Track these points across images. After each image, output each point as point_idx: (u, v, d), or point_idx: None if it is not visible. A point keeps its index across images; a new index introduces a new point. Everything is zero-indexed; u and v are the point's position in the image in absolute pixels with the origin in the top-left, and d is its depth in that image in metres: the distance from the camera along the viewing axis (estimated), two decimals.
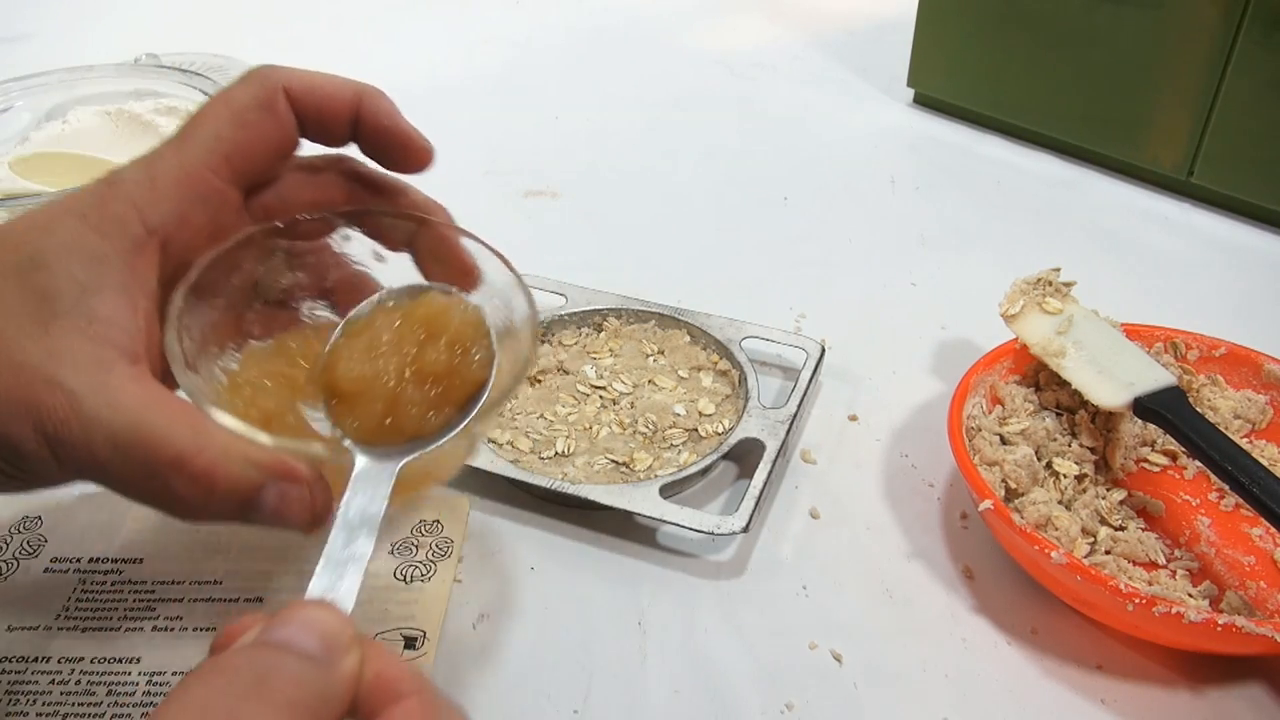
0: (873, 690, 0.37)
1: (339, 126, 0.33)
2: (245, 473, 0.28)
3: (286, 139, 0.32)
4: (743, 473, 0.46)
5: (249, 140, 0.31)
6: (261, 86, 0.32)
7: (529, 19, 0.99)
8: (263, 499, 0.28)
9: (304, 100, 0.32)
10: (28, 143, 0.62)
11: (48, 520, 0.42)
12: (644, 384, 0.49)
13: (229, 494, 0.28)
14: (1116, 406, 0.43)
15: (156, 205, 0.30)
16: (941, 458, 0.46)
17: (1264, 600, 0.39)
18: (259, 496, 0.28)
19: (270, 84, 0.32)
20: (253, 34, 0.93)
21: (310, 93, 0.32)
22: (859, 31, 0.96)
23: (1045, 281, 0.47)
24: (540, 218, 0.66)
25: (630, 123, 0.79)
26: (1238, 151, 0.64)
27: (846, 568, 0.42)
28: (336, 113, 0.33)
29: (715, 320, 0.51)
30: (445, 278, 0.35)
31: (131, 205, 0.29)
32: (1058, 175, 0.71)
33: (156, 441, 0.27)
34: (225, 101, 0.31)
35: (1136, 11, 0.65)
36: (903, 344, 0.54)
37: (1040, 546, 0.36)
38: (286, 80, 0.32)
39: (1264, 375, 0.46)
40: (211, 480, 0.27)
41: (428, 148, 0.36)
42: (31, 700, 0.35)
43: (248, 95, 0.31)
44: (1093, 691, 0.37)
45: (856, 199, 0.69)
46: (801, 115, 0.81)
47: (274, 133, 0.32)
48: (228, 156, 0.31)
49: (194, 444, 0.27)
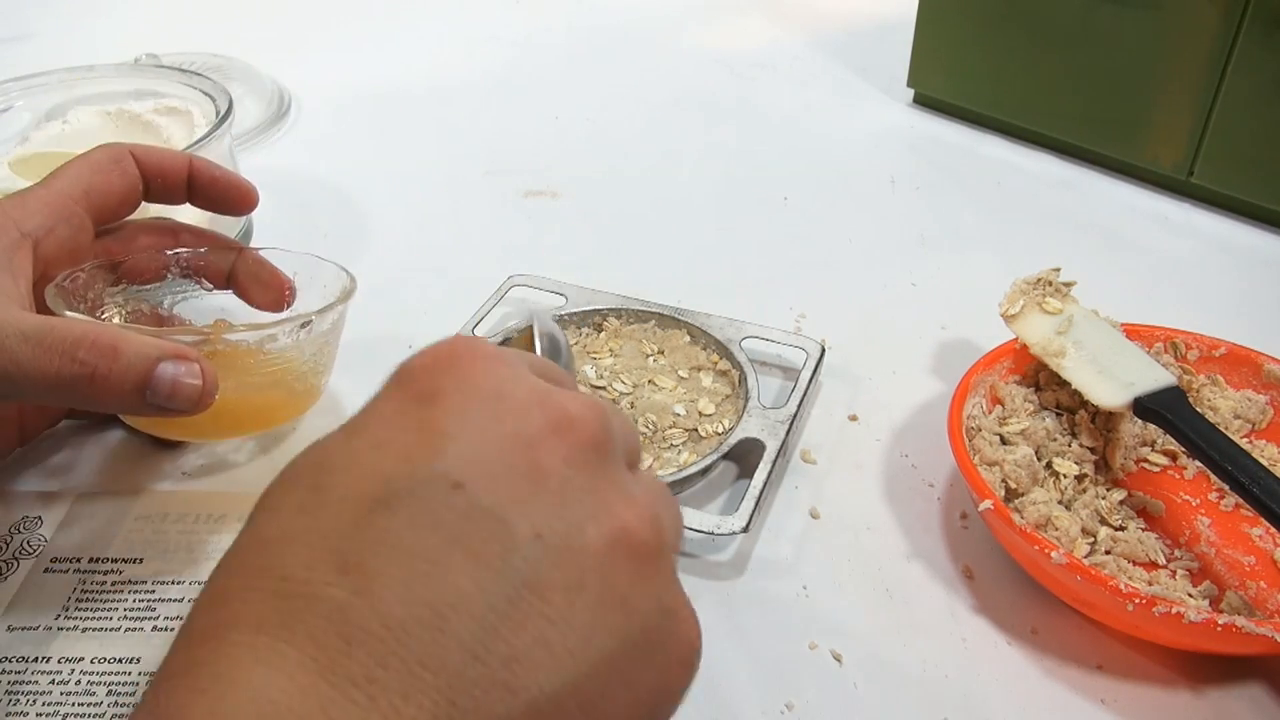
0: (873, 690, 0.37)
1: (176, 181, 0.44)
2: (143, 347, 0.34)
3: (131, 189, 0.42)
4: (743, 473, 0.46)
5: (103, 183, 0.41)
6: (114, 149, 0.42)
7: (529, 19, 0.99)
8: (159, 375, 0.34)
9: (146, 161, 0.43)
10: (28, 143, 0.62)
11: (48, 520, 0.42)
12: (644, 384, 0.49)
13: (130, 364, 0.34)
14: (1116, 406, 0.43)
15: (29, 218, 0.39)
16: (941, 458, 0.46)
17: (1264, 600, 0.39)
18: (155, 373, 0.34)
19: (120, 149, 0.42)
20: (253, 34, 0.93)
21: (150, 156, 0.43)
22: (859, 31, 0.96)
23: (1045, 281, 0.47)
24: (540, 218, 0.66)
25: (630, 123, 0.79)
26: (1238, 151, 0.64)
27: (846, 568, 0.42)
28: (174, 170, 0.43)
29: (715, 320, 0.51)
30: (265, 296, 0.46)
31: (9, 217, 0.38)
32: (1058, 175, 0.71)
33: (64, 327, 0.34)
34: (85, 158, 0.42)
35: (1136, 11, 0.65)
36: (903, 344, 0.54)
37: (1040, 546, 0.36)
38: (132, 149, 0.43)
39: (1264, 375, 0.46)
40: (115, 349, 0.33)
41: (252, 189, 0.46)
42: (31, 700, 0.35)
43: (103, 154, 0.42)
44: (1093, 691, 0.37)
45: (856, 199, 0.69)
46: (801, 115, 0.81)
47: (121, 181, 0.42)
48: (86, 191, 0.41)
49: (96, 326, 0.34)
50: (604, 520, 0.23)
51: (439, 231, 0.65)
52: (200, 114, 0.62)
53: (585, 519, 0.22)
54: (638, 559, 0.23)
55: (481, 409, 0.23)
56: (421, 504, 0.21)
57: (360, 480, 0.22)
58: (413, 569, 0.20)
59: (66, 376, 0.33)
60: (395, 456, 0.22)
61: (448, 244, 0.63)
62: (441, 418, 0.23)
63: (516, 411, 0.23)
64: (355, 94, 0.83)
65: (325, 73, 0.85)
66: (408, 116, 0.80)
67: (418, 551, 0.21)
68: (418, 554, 0.21)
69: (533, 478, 0.22)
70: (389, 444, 0.23)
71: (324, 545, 0.21)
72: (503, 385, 0.24)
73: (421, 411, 0.23)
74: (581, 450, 0.23)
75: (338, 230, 0.64)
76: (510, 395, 0.24)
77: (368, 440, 0.23)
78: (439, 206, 0.68)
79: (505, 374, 0.24)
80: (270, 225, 0.61)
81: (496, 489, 0.22)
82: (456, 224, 0.66)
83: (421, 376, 0.24)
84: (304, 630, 0.20)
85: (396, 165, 0.72)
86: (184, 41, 0.86)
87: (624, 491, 0.24)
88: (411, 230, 0.65)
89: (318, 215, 0.65)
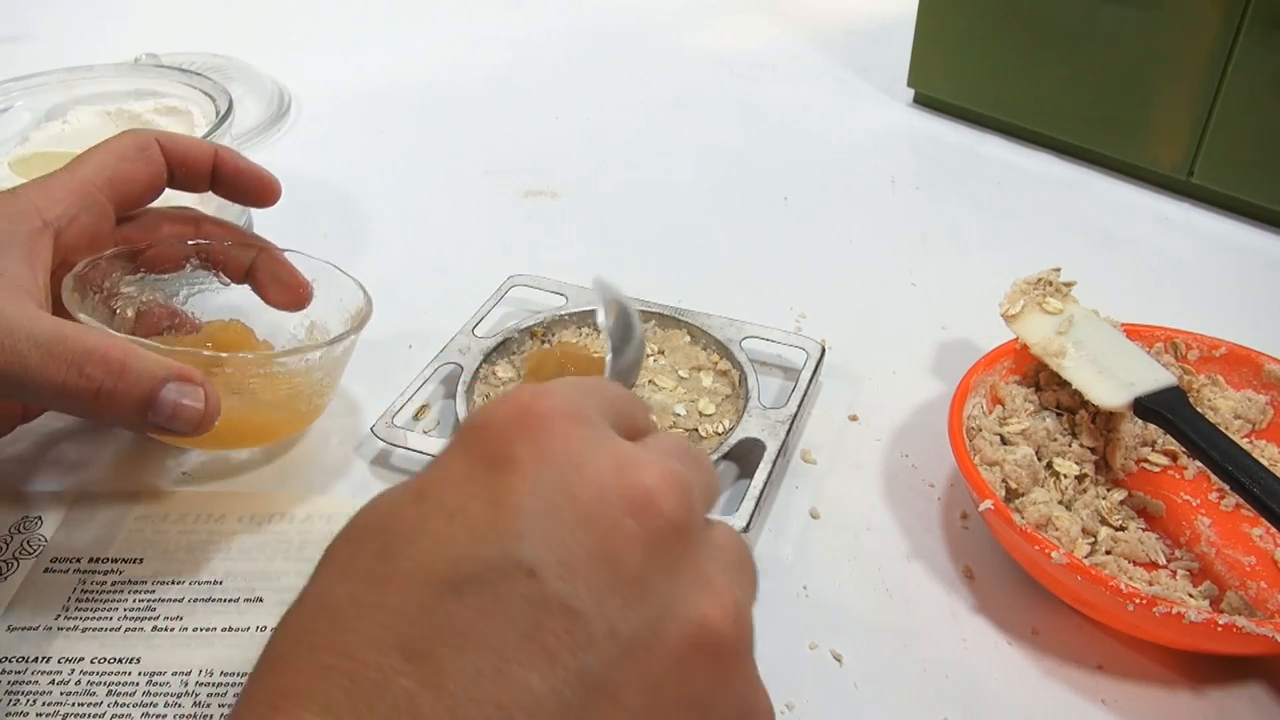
0: (873, 690, 0.37)
1: (201, 171, 0.43)
2: (151, 367, 0.34)
3: (156, 176, 0.42)
4: (743, 473, 0.46)
5: (128, 171, 0.41)
6: (140, 135, 0.42)
7: (528, 19, 0.99)
8: (163, 396, 0.34)
9: (172, 149, 0.42)
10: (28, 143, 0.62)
11: (48, 520, 0.42)
12: (644, 384, 0.49)
13: (136, 383, 0.34)
14: (1117, 406, 0.43)
15: (52, 206, 0.39)
16: (942, 458, 0.46)
17: (1264, 600, 0.39)
18: (160, 393, 0.34)
19: (146, 136, 0.42)
20: (253, 34, 0.93)
21: (176, 144, 0.43)
22: (859, 31, 0.96)
23: (1045, 281, 0.47)
24: (540, 218, 0.66)
25: (630, 123, 0.79)
26: (1238, 151, 0.64)
27: (846, 568, 0.42)
28: (199, 159, 0.43)
29: (715, 320, 0.51)
30: (283, 296, 0.46)
31: (32, 204, 0.38)
32: (1058, 175, 0.71)
33: (75, 338, 0.34)
34: (110, 144, 0.41)
35: (1136, 11, 0.65)
36: (903, 344, 0.54)
37: (1040, 546, 0.36)
38: (158, 136, 0.42)
39: (1264, 375, 0.46)
40: (123, 366, 0.34)
41: (275, 181, 0.45)
42: (31, 700, 0.35)
43: (129, 140, 0.42)
44: (1093, 692, 0.37)
45: (856, 199, 0.69)
46: (801, 115, 0.81)
47: (146, 169, 0.42)
48: (110, 180, 0.40)
49: (108, 339, 0.34)
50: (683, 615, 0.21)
51: (439, 231, 0.65)
52: (200, 114, 0.62)
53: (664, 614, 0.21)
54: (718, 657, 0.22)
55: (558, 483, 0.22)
56: (493, 591, 0.20)
57: (429, 555, 0.21)
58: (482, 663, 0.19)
59: (71, 388, 0.33)
60: (467, 533, 0.21)
61: (448, 244, 0.63)
62: (515, 491, 0.21)
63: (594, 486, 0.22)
64: (355, 94, 0.83)
65: (325, 73, 0.85)
66: (408, 116, 0.80)
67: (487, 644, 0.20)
68: (487, 646, 0.20)
69: (611, 567, 0.21)
70: (459, 515, 0.21)
71: (392, 626, 0.20)
72: (581, 453, 0.22)
73: (494, 479, 0.22)
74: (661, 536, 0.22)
75: (337, 230, 0.64)
76: (590, 465, 0.22)
77: (437, 507, 0.22)
78: (439, 206, 0.68)
79: (582, 437, 0.23)
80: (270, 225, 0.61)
81: (572, 579, 0.21)
82: (456, 224, 0.66)
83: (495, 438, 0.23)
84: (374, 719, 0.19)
85: (396, 165, 0.72)
86: (184, 41, 0.86)
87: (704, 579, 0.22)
88: (411, 230, 0.65)
89: (317, 215, 0.65)
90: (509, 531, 0.21)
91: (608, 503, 0.22)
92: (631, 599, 0.21)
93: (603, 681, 0.20)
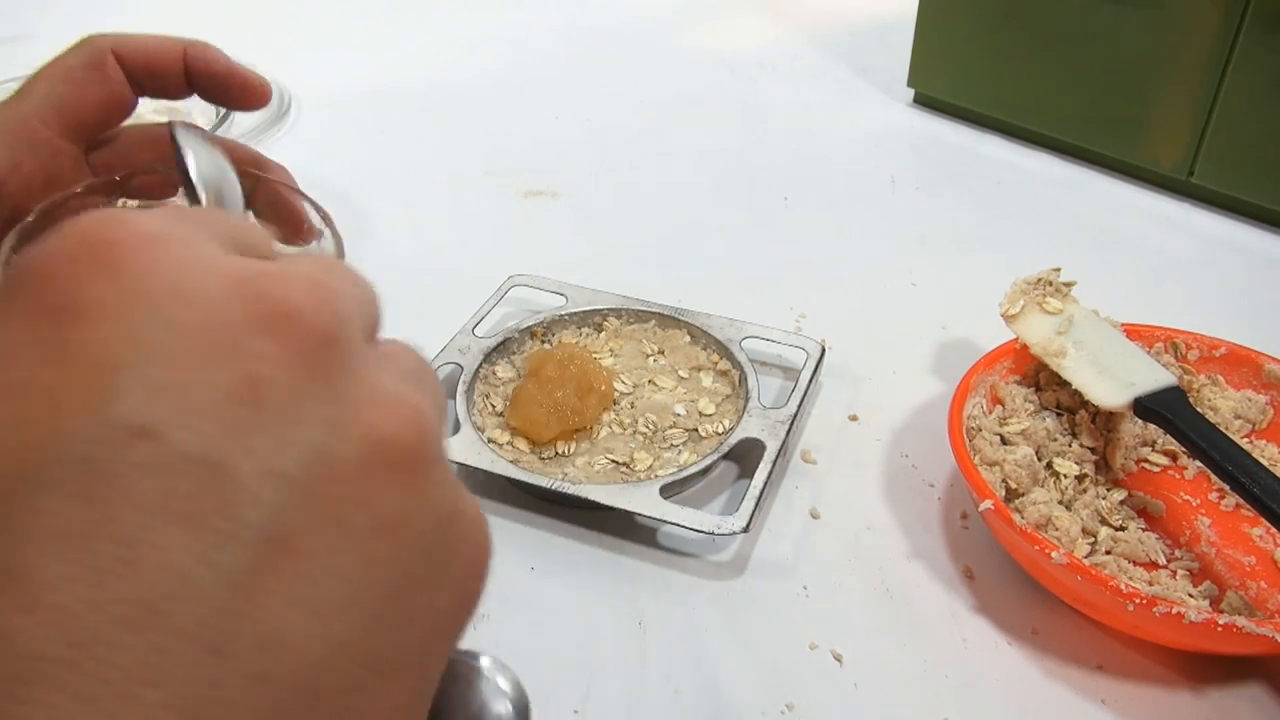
0: (873, 690, 0.37)
1: (173, 78, 0.37)
2: None
3: (116, 95, 0.36)
4: (743, 473, 0.46)
5: (78, 95, 0.35)
6: (90, 50, 0.36)
7: (528, 19, 0.99)
8: None
9: (132, 59, 0.37)
10: None
11: None
12: (644, 384, 0.49)
13: None
14: (1117, 406, 0.43)
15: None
16: (942, 458, 0.46)
17: (1264, 600, 0.39)
18: None
19: (98, 47, 0.36)
20: (253, 34, 0.93)
21: (137, 52, 0.37)
22: (859, 31, 0.96)
23: (1045, 281, 0.47)
24: (540, 218, 0.66)
25: (630, 123, 0.79)
26: (1238, 151, 0.64)
27: (846, 568, 0.42)
28: (167, 66, 0.37)
29: (715, 320, 0.51)
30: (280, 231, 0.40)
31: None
32: (1058, 175, 0.71)
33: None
34: (56, 64, 0.36)
35: (1136, 11, 0.65)
36: (903, 344, 0.54)
37: (1040, 546, 0.36)
38: (114, 44, 0.36)
39: (1264, 375, 0.46)
40: None
41: (263, 83, 0.40)
42: None
43: (77, 57, 0.36)
44: (1093, 691, 0.37)
45: (856, 199, 0.69)
46: (801, 115, 0.81)
47: (102, 89, 0.36)
48: (58, 110, 0.35)
49: None
50: (353, 434, 0.18)
51: (439, 231, 0.65)
52: (200, 114, 0.62)
53: (329, 438, 0.17)
54: (403, 469, 0.18)
55: (157, 317, 0.17)
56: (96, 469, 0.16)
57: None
58: (100, 560, 0.15)
59: None
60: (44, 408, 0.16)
61: (448, 244, 0.63)
62: (100, 341, 0.16)
63: (209, 310, 0.17)
64: (355, 94, 0.83)
65: (325, 73, 0.85)
66: (408, 116, 0.80)
67: (103, 534, 0.15)
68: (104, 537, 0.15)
69: (248, 399, 0.17)
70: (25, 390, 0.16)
71: None
72: (181, 276, 0.17)
73: (65, 334, 0.17)
74: (307, 351, 0.18)
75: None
76: (196, 289, 0.17)
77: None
78: (439, 206, 0.68)
79: (180, 257, 0.18)
80: None
81: (201, 425, 0.16)
82: (456, 224, 0.66)
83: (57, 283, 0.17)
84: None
85: (396, 165, 0.72)
86: None
87: (371, 388, 0.18)
88: (411, 230, 0.65)
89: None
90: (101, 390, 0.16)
91: (229, 326, 0.17)
92: (284, 430, 0.17)
93: (270, 533, 0.16)
